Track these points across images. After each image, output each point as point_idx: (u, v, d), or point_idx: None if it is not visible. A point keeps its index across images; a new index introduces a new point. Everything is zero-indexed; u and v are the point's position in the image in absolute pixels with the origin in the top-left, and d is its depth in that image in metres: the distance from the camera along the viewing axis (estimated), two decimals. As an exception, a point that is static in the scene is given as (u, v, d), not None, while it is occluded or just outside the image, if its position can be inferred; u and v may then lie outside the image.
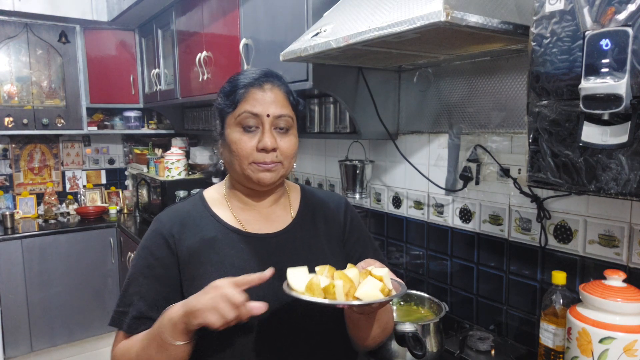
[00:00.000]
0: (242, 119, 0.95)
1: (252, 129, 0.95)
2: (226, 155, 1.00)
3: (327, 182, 2.40)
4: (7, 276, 3.11)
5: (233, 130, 0.96)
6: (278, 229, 1.03)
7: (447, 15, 0.97)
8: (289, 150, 0.98)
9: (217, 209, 1.03)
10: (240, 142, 0.95)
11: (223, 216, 1.02)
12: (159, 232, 0.99)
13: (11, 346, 3.15)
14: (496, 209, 1.55)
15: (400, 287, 0.82)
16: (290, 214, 1.07)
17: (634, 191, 0.83)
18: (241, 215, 1.03)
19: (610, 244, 1.25)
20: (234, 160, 0.97)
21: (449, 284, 1.73)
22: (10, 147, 3.68)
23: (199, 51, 2.55)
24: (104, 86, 3.61)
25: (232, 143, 0.96)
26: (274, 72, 1.01)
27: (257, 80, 0.97)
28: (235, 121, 0.96)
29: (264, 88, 0.96)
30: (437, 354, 1.31)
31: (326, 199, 1.14)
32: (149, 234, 1.01)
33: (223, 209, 1.04)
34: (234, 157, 0.96)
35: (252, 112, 0.95)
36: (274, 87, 0.97)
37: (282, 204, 1.08)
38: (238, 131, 0.96)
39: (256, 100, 0.95)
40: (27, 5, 3.13)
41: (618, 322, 0.97)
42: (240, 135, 0.95)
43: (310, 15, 1.66)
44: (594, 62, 0.83)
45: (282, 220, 1.05)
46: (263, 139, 0.94)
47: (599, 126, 0.85)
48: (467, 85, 1.63)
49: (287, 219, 1.06)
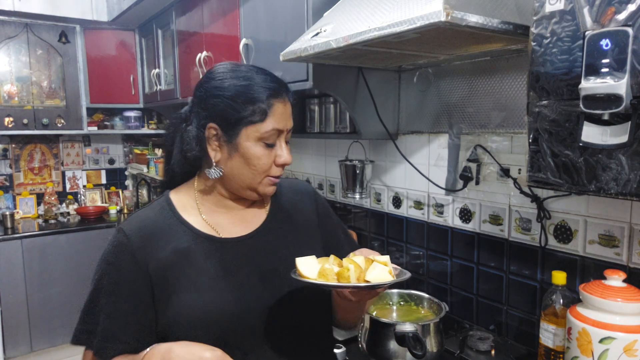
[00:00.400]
0: (268, 135, 0.90)
1: (274, 145, 0.92)
2: (237, 166, 0.92)
3: (327, 182, 2.40)
4: (7, 276, 3.11)
5: (253, 145, 0.90)
6: (253, 229, 0.99)
7: (447, 15, 0.97)
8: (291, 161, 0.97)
9: (187, 215, 0.96)
10: (263, 158, 0.91)
11: (194, 223, 0.96)
12: (124, 246, 0.91)
13: (11, 346, 3.15)
14: (496, 209, 1.55)
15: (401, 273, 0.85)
16: (265, 208, 1.03)
17: (634, 191, 0.83)
18: (213, 219, 0.97)
19: (610, 244, 1.25)
20: (247, 173, 0.92)
21: (449, 284, 1.73)
22: (10, 147, 3.68)
23: (199, 51, 2.55)
24: (104, 86, 3.61)
25: (252, 157, 0.90)
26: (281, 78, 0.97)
27: (279, 93, 0.92)
28: (258, 135, 0.90)
29: (285, 101, 0.93)
30: (437, 354, 1.31)
31: (295, 187, 1.12)
32: (112, 248, 0.92)
33: (194, 215, 0.97)
34: (251, 171, 0.92)
35: (279, 129, 0.91)
36: (288, 98, 0.94)
37: (257, 201, 1.04)
38: (260, 146, 0.91)
39: (281, 115, 0.91)
40: (27, 5, 3.13)
41: (618, 322, 0.97)
42: (263, 151, 0.91)
43: (310, 15, 1.66)
44: (594, 62, 0.83)
45: (257, 218, 1.01)
46: (283, 154, 0.93)
47: (599, 126, 0.85)
48: (467, 85, 1.63)
49: (262, 215, 1.02)
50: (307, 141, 2.51)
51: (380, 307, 1.51)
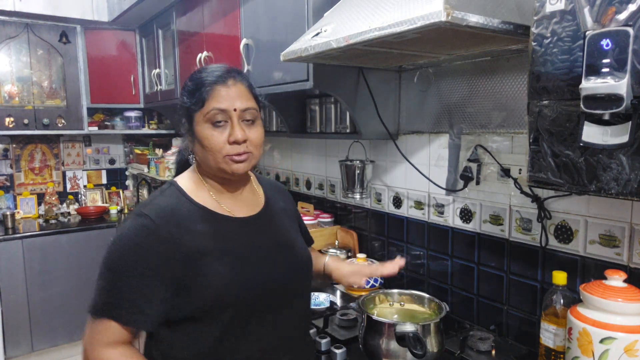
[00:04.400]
0: (210, 115, 1.00)
1: (221, 124, 1.01)
2: (199, 150, 1.04)
3: (328, 182, 2.40)
4: (8, 276, 3.11)
5: (203, 127, 1.01)
6: (257, 211, 1.13)
7: (448, 15, 0.97)
8: (258, 140, 1.05)
9: (200, 200, 1.05)
10: (212, 138, 1.00)
11: (209, 205, 1.05)
12: (150, 229, 0.96)
13: (12, 346, 3.15)
14: (497, 209, 1.55)
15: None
16: (259, 197, 1.17)
17: (634, 191, 0.83)
18: (223, 202, 1.08)
19: (611, 244, 1.25)
20: (208, 155, 1.02)
21: (449, 284, 1.73)
22: (11, 147, 3.68)
23: (200, 51, 2.55)
24: (105, 86, 3.61)
25: (203, 139, 1.01)
26: (235, 68, 1.07)
27: (220, 78, 1.02)
28: (204, 118, 1.01)
29: (228, 84, 1.01)
30: (438, 354, 1.31)
31: (274, 185, 1.29)
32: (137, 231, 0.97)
33: (205, 199, 1.06)
34: (207, 152, 1.01)
35: (220, 108, 1.00)
36: (237, 82, 1.03)
37: (250, 189, 1.17)
38: (208, 127, 1.01)
39: (222, 96, 1.00)
40: (27, 6, 3.13)
41: (619, 322, 0.97)
42: (211, 131, 1.00)
43: (311, 15, 1.66)
44: (594, 62, 0.83)
45: (256, 203, 1.15)
46: (233, 132, 1.00)
47: (599, 126, 0.85)
48: (467, 85, 1.63)
49: (259, 202, 1.16)
50: (308, 141, 2.51)
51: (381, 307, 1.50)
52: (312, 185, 2.53)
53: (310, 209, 2.32)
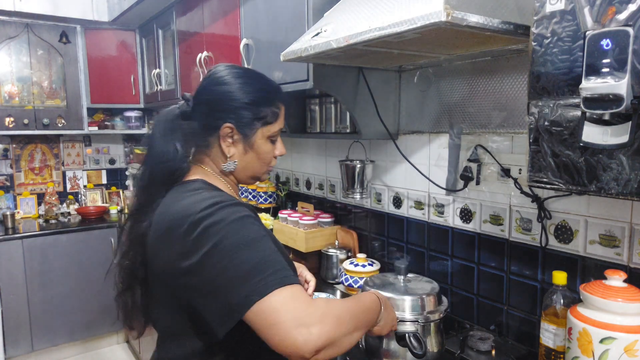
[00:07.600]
0: (277, 133, 1.08)
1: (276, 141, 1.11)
2: (249, 159, 1.07)
3: (328, 182, 2.40)
4: (8, 276, 3.11)
5: (265, 142, 1.07)
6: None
7: (448, 15, 0.97)
8: None
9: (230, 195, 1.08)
10: (270, 152, 1.09)
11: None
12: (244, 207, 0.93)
13: (12, 346, 3.15)
14: (497, 209, 1.55)
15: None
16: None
17: (634, 191, 0.83)
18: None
19: (611, 244, 1.25)
20: (255, 164, 1.08)
21: (449, 284, 1.73)
22: (11, 147, 3.68)
23: (200, 51, 2.55)
24: (105, 86, 3.62)
25: (263, 152, 1.07)
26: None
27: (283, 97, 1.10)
28: (269, 134, 1.06)
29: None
30: (438, 354, 1.31)
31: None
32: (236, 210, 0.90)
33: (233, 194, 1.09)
34: (259, 162, 1.08)
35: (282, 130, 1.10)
36: None
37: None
38: (269, 143, 1.08)
39: (283, 116, 1.10)
40: (27, 6, 3.14)
41: (619, 322, 0.97)
42: (271, 146, 1.08)
43: (311, 15, 1.66)
44: (594, 62, 0.83)
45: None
46: (282, 148, 1.11)
47: (599, 126, 0.85)
48: (467, 85, 1.63)
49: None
50: (308, 141, 2.51)
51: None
52: (312, 185, 2.53)
53: (310, 209, 2.32)
